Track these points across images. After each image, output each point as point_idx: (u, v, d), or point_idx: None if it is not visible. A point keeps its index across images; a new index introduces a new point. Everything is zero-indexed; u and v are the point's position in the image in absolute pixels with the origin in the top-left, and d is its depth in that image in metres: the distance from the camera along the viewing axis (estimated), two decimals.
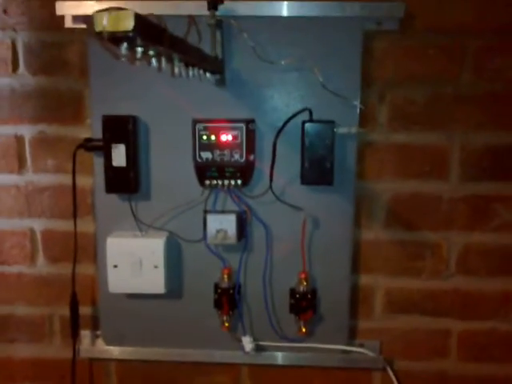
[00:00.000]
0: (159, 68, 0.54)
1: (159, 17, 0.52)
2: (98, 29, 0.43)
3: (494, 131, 0.95)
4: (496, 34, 0.92)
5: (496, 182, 0.97)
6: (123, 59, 0.46)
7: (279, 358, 1.01)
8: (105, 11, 0.43)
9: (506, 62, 0.93)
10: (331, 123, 0.88)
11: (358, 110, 0.91)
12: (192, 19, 0.68)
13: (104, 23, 0.43)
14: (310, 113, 0.88)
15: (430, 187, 0.97)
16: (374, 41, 0.92)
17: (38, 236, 1.03)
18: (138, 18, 0.43)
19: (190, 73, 0.65)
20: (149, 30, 0.46)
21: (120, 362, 1.06)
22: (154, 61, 0.52)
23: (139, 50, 0.46)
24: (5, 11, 0.96)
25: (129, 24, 0.42)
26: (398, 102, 0.95)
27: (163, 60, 0.54)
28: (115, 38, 0.43)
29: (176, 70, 0.58)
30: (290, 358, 1.01)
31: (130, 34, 0.42)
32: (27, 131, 1.00)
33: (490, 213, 0.98)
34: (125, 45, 0.44)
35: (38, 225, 1.03)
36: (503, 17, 0.91)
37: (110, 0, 0.90)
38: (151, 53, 0.49)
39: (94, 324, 1.05)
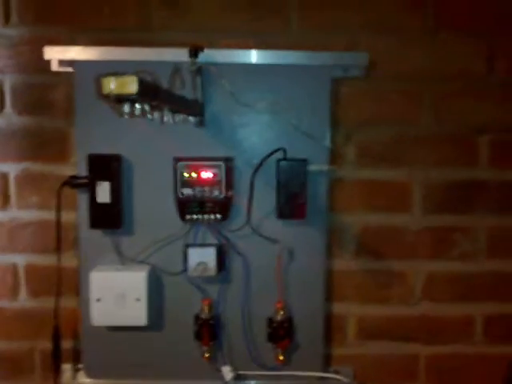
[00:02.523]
0: (152, 119, 0.59)
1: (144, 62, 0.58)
2: (105, 91, 0.49)
3: (451, 168, 1.04)
4: (453, 79, 1.02)
5: (455, 214, 1.05)
6: (126, 116, 0.52)
7: None
8: (112, 76, 0.49)
9: (462, 105, 1.02)
10: (304, 161, 0.95)
11: (328, 149, 0.98)
12: (177, 68, 0.74)
13: (111, 87, 0.48)
14: (284, 152, 0.95)
15: (396, 219, 1.05)
16: (341, 86, 1.01)
17: (21, 270, 1.05)
18: (141, 81, 0.48)
19: (176, 118, 0.71)
20: (148, 91, 0.52)
21: None
22: (148, 115, 0.58)
23: (138, 107, 0.52)
24: None
25: (133, 88, 0.48)
26: (363, 141, 1.03)
27: (155, 112, 0.60)
28: (120, 99, 0.49)
29: (165, 119, 0.64)
30: None
31: (134, 96, 0.48)
32: (12, 169, 1.03)
33: (451, 242, 1.06)
34: (127, 104, 0.49)
35: (21, 260, 1.05)
36: (459, 63, 1.01)
37: (96, 45, 0.97)
38: (146, 108, 0.55)
39: (75, 357, 1.06)
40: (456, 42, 1.01)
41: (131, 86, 0.48)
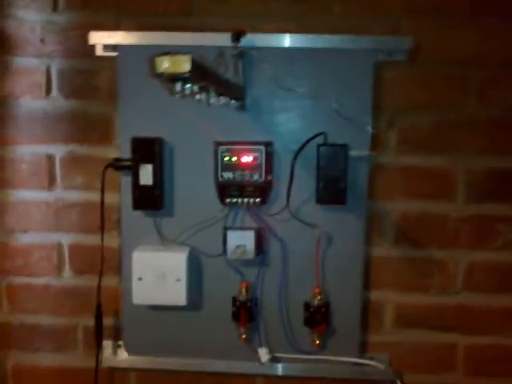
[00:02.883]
0: (200, 99, 0.60)
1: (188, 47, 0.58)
2: (159, 70, 0.50)
3: (496, 156, 1.01)
4: (498, 64, 0.99)
5: (499, 203, 1.02)
6: (177, 95, 0.53)
7: (293, 369, 1.05)
8: (166, 55, 0.50)
9: (507, 90, 0.99)
10: (344, 147, 0.95)
11: (370, 135, 0.97)
12: (221, 52, 0.75)
13: (165, 66, 0.49)
14: (325, 137, 0.95)
15: (437, 207, 1.03)
16: (383, 71, 0.99)
17: (66, 249, 1.09)
18: (194, 61, 0.49)
19: (221, 101, 0.72)
20: (199, 71, 0.53)
21: (140, 371, 1.10)
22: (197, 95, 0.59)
23: (188, 86, 0.53)
24: (42, 40, 1.03)
25: (186, 66, 0.49)
26: (405, 127, 1.01)
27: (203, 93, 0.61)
28: (173, 78, 0.50)
29: (212, 100, 0.65)
30: (303, 369, 1.05)
31: (187, 75, 0.49)
32: (58, 151, 1.06)
33: (494, 232, 1.03)
34: (180, 83, 0.50)
35: (66, 239, 1.08)
36: (505, 48, 0.98)
37: (139, 30, 0.98)
38: (196, 88, 0.56)
39: (116, 335, 1.10)
40: (501, 25, 0.98)
41: (185, 65, 0.49)
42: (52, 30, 1.03)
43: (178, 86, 0.51)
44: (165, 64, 0.49)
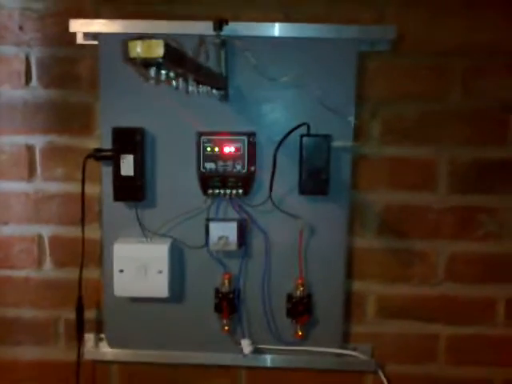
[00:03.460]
0: (177, 87, 0.59)
1: (169, 35, 0.57)
2: (132, 55, 0.48)
3: (479, 146, 1.01)
4: (482, 55, 0.99)
5: (481, 194, 1.03)
6: (151, 81, 0.52)
7: (276, 360, 1.05)
8: (138, 39, 0.48)
9: (492, 81, 0.99)
10: (327, 137, 0.94)
11: (353, 125, 0.96)
12: (202, 40, 0.73)
13: (138, 50, 0.48)
14: (308, 127, 0.94)
15: (420, 198, 1.03)
16: (367, 61, 0.99)
17: (46, 241, 1.07)
18: (167, 45, 0.48)
19: (201, 90, 0.71)
20: (174, 56, 0.52)
21: (123, 364, 1.10)
22: (173, 81, 0.58)
23: (163, 72, 0.51)
24: (20, 28, 1.01)
25: (160, 51, 0.48)
26: (389, 117, 1.01)
27: (180, 80, 0.59)
28: (147, 64, 0.49)
29: (190, 88, 0.64)
30: (286, 360, 1.05)
31: (160, 60, 0.47)
32: (38, 141, 1.04)
33: (476, 223, 1.04)
34: (154, 69, 0.49)
35: (46, 231, 1.07)
36: (489, 39, 0.98)
37: (120, 18, 0.96)
38: (172, 75, 0.54)
39: (98, 327, 1.09)
40: (487, 15, 0.98)
41: (158, 49, 0.48)
42: (30, 17, 1.01)
43: (152, 72, 0.50)
44: (137, 48, 0.48)
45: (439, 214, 1.03)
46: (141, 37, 0.49)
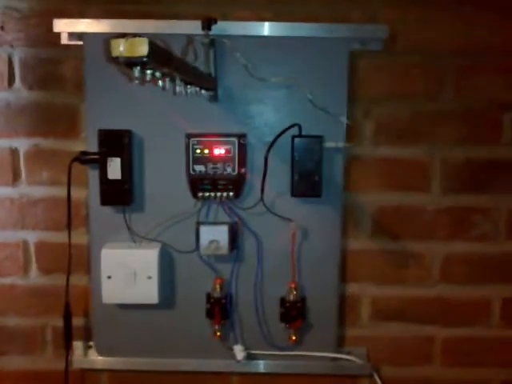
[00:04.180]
0: (164, 88, 0.57)
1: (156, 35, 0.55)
2: (114, 54, 0.46)
3: (472, 146, 1.00)
4: (474, 54, 0.98)
5: (475, 194, 1.02)
6: (136, 81, 0.49)
7: (270, 366, 1.03)
8: (122, 38, 0.46)
9: (484, 80, 0.98)
10: (319, 138, 0.92)
11: (345, 126, 0.95)
12: (190, 40, 0.71)
13: (121, 49, 0.46)
14: (300, 128, 0.92)
15: (413, 199, 1.02)
16: (359, 60, 0.97)
17: (32, 248, 1.04)
18: (152, 44, 0.46)
19: (189, 90, 0.69)
20: (159, 55, 0.49)
21: (112, 372, 1.07)
22: (159, 81, 0.55)
23: (149, 72, 0.49)
24: (2, 28, 0.98)
25: (143, 50, 0.46)
26: (381, 117, 0.99)
27: (167, 80, 0.57)
28: (130, 63, 0.47)
29: (177, 89, 0.62)
30: (280, 366, 1.03)
31: (145, 59, 0.45)
32: (22, 144, 1.01)
33: (470, 223, 1.03)
34: (138, 68, 0.47)
35: (32, 236, 1.04)
36: (482, 38, 0.97)
37: (106, 18, 0.94)
38: (158, 75, 0.52)
39: (86, 335, 1.06)
40: (479, 15, 0.96)
41: (142, 48, 0.46)
42: (13, 16, 0.98)
43: (136, 72, 0.48)
44: (120, 47, 0.45)
45: (433, 215, 1.02)
46: (124, 35, 0.46)
